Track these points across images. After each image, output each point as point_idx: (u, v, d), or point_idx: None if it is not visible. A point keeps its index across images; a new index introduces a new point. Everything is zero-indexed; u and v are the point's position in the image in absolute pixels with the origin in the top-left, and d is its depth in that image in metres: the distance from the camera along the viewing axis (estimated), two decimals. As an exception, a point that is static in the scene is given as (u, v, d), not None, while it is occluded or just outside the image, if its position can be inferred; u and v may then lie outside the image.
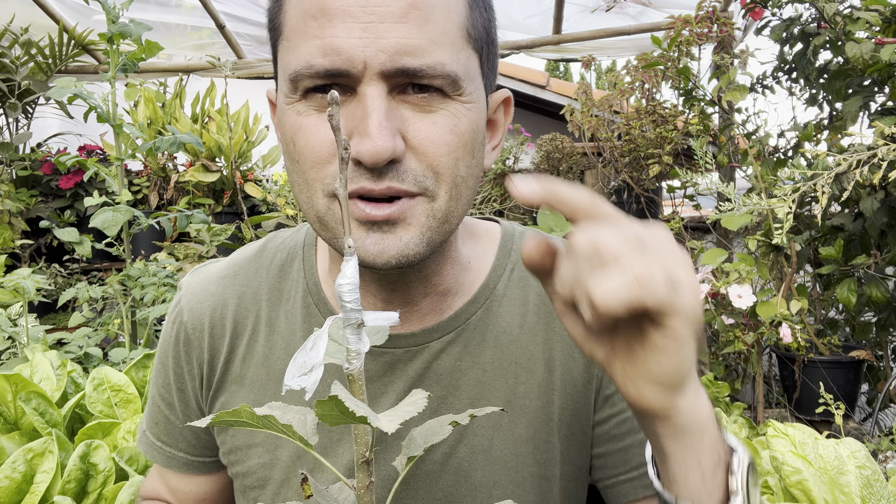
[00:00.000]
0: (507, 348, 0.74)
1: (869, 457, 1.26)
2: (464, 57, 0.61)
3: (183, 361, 0.79)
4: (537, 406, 0.73)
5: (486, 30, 0.65)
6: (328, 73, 0.58)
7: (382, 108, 0.57)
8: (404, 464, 0.50)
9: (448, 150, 0.60)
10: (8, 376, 1.48)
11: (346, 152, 0.44)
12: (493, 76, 0.69)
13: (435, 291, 0.73)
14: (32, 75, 3.76)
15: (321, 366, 0.43)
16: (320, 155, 0.60)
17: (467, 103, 0.62)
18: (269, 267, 0.80)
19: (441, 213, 0.62)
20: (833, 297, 2.50)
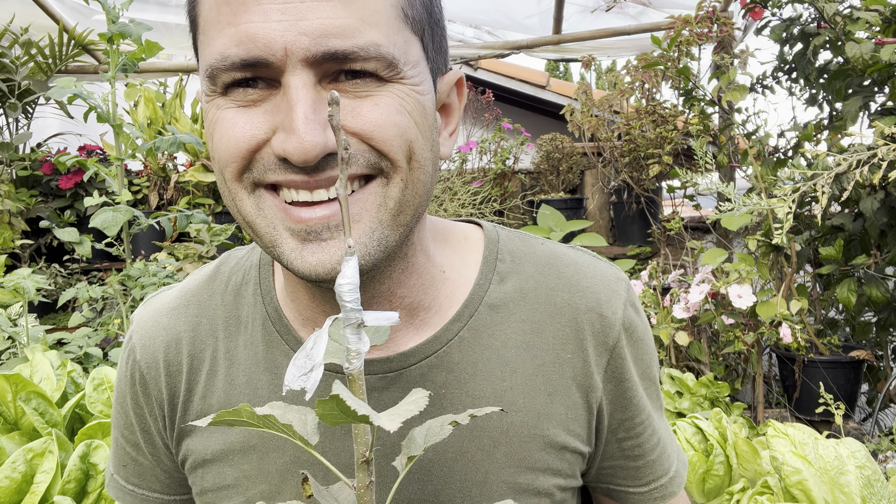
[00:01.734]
0: (501, 373, 0.66)
1: (869, 457, 1.26)
2: (401, 39, 0.54)
3: (142, 402, 0.72)
4: (535, 434, 0.67)
5: (426, 10, 0.58)
6: (245, 64, 0.51)
7: (308, 98, 0.51)
8: (404, 464, 0.50)
9: (398, 132, 0.53)
10: (8, 376, 1.48)
11: (347, 152, 0.44)
12: (442, 59, 0.62)
13: (402, 304, 0.65)
14: (32, 75, 3.76)
15: (321, 366, 0.43)
16: (243, 145, 0.54)
17: (411, 87, 0.55)
18: (223, 293, 0.72)
19: (394, 202, 0.55)
20: (833, 297, 2.50)
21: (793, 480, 1.23)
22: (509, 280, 0.70)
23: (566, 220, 3.27)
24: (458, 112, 0.66)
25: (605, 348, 0.69)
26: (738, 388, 2.42)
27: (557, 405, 0.68)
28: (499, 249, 0.72)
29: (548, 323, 0.69)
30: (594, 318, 0.69)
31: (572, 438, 0.68)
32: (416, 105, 0.55)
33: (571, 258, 0.73)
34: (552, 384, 0.68)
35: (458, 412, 0.64)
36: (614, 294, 0.71)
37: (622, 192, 3.37)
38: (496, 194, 3.54)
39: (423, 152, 0.56)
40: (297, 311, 0.68)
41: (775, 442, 1.30)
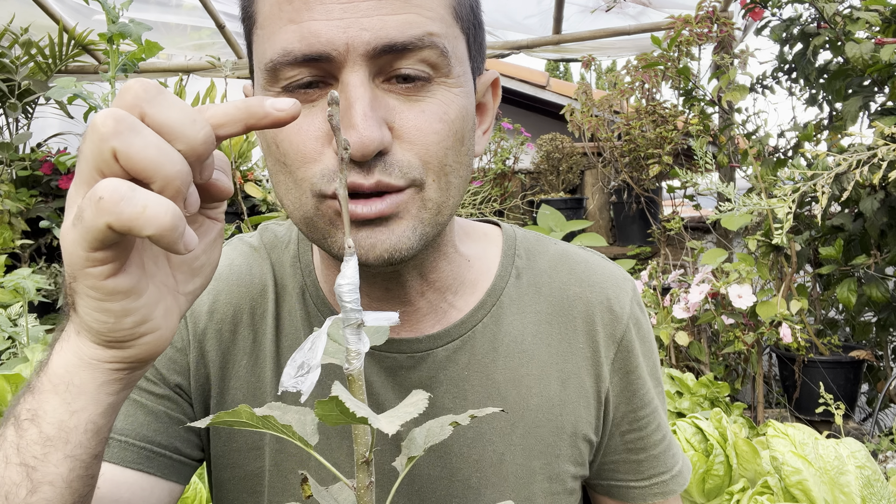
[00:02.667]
0: (518, 358, 0.71)
1: (869, 457, 1.26)
2: (452, 35, 0.57)
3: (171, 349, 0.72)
4: (549, 419, 0.70)
5: (472, 10, 0.62)
6: (307, 59, 0.54)
7: (367, 96, 0.54)
8: (404, 464, 0.50)
9: (437, 139, 0.57)
10: (8, 376, 1.48)
11: (346, 152, 0.44)
12: (481, 59, 0.66)
13: (432, 288, 0.69)
14: (32, 75, 3.76)
15: (318, 367, 0.43)
16: (307, 154, 0.57)
17: (455, 87, 0.58)
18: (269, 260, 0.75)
19: (432, 203, 0.59)
20: (833, 297, 2.50)
21: (793, 480, 1.23)
22: (525, 275, 0.74)
23: (566, 220, 3.27)
24: (492, 112, 0.70)
25: (614, 340, 0.73)
26: (738, 388, 2.42)
27: (570, 392, 0.71)
28: (516, 246, 0.76)
29: (561, 315, 0.73)
30: (604, 311, 0.74)
31: (583, 425, 0.72)
32: (458, 110, 0.59)
33: (582, 256, 0.78)
34: (565, 372, 0.72)
35: (478, 393, 0.69)
36: (622, 291, 0.75)
37: (622, 192, 3.37)
38: (496, 194, 3.54)
39: (459, 157, 0.60)
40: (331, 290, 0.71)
41: (775, 442, 1.30)
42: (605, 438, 0.75)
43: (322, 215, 0.58)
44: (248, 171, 3.76)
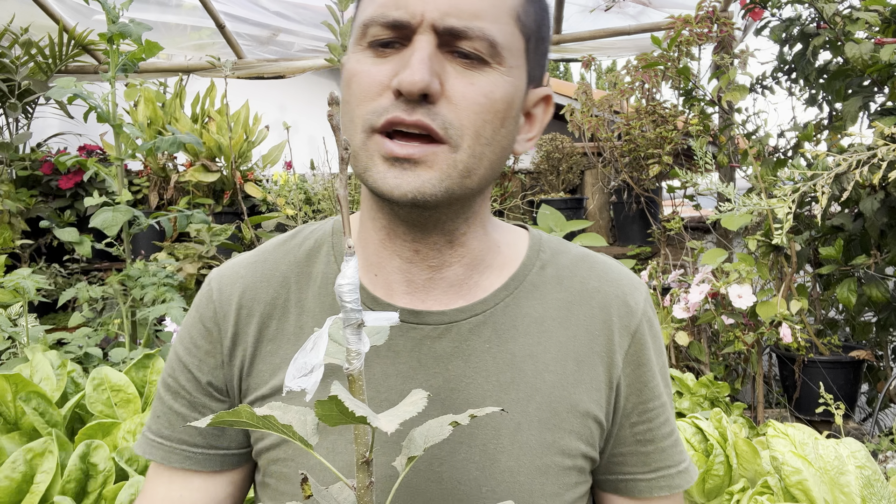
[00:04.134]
0: (538, 337, 0.76)
1: (869, 457, 1.26)
2: (508, 31, 0.67)
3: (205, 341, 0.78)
4: (564, 395, 0.74)
5: (537, 24, 0.71)
6: (393, 24, 0.65)
7: (428, 50, 0.64)
8: (404, 464, 0.50)
9: (479, 109, 0.65)
10: (8, 376, 1.48)
11: (347, 152, 0.44)
12: (540, 72, 0.74)
13: (461, 262, 0.76)
14: (32, 75, 3.76)
15: (321, 366, 0.43)
16: (368, 92, 0.66)
17: (506, 75, 0.67)
18: (296, 252, 0.82)
19: (462, 164, 0.66)
20: (833, 297, 2.50)
21: (793, 480, 1.23)
22: (549, 267, 0.81)
23: (566, 220, 3.27)
24: (540, 124, 0.77)
25: (628, 332, 0.79)
26: (738, 388, 2.42)
27: (584, 374, 0.76)
28: (542, 243, 0.83)
29: (580, 303, 0.79)
30: (620, 304, 0.79)
31: (595, 406, 0.76)
32: (504, 94, 0.67)
33: (601, 258, 0.85)
34: (581, 354, 0.76)
35: (498, 364, 0.74)
36: (636, 290, 0.82)
37: (622, 192, 3.37)
38: (496, 194, 3.54)
39: (495, 133, 0.68)
40: (364, 257, 0.78)
41: (775, 442, 1.30)
42: (615, 428, 0.79)
43: (366, 149, 0.66)
44: (248, 171, 3.76)
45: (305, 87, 4.66)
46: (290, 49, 4.21)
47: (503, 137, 0.69)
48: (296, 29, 4.05)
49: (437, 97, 0.64)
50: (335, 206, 3.39)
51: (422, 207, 0.67)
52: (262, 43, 4.15)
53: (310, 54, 4.16)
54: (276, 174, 3.66)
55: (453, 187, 0.66)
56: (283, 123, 3.75)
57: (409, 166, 0.65)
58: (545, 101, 0.77)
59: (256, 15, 3.92)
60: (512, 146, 0.73)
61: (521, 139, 0.75)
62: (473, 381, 0.73)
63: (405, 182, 0.65)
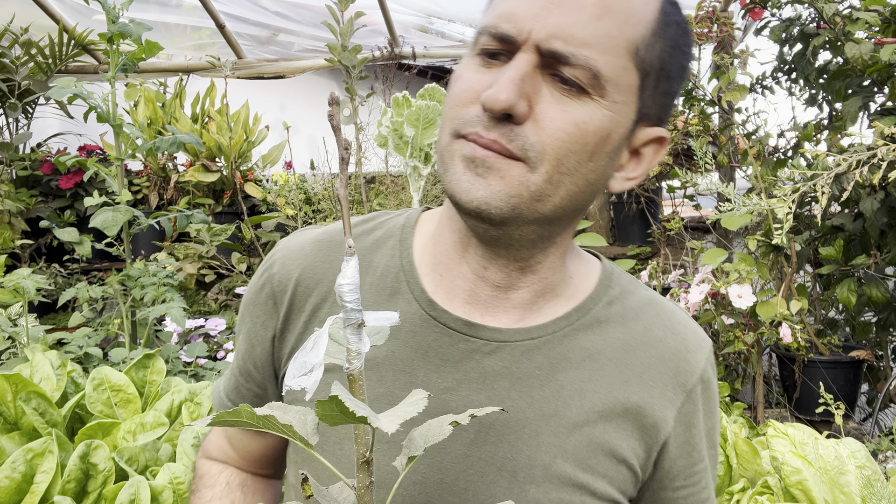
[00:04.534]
0: (590, 374, 0.73)
1: (869, 457, 1.26)
2: (618, 65, 0.63)
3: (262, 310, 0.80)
4: (603, 438, 0.72)
5: (662, 61, 0.67)
6: (502, 37, 0.63)
7: (522, 69, 0.62)
8: (404, 464, 0.50)
9: (565, 137, 0.63)
10: (8, 376, 1.48)
11: (347, 152, 0.44)
12: (658, 111, 0.70)
13: (530, 288, 0.74)
14: (32, 75, 3.76)
15: (321, 366, 0.43)
16: (461, 99, 0.66)
17: (606, 108, 0.64)
18: (364, 239, 0.81)
19: (535, 187, 0.64)
20: (833, 297, 2.50)
21: (793, 480, 1.23)
22: (614, 306, 0.78)
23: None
24: (647, 166, 0.73)
25: (683, 390, 0.76)
26: (738, 388, 2.42)
27: (629, 421, 0.73)
28: (612, 278, 0.80)
29: (639, 349, 0.76)
30: (680, 360, 0.76)
31: (633, 456, 0.73)
32: (598, 128, 0.64)
33: (670, 307, 0.82)
34: (630, 401, 0.73)
35: (544, 393, 0.72)
36: (700, 348, 0.78)
37: (622, 192, 3.36)
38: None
39: (581, 166, 0.65)
40: (429, 256, 0.77)
41: (775, 442, 1.30)
42: (655, 485, 0.76)
43: (450, 151, 0.66)
44: (249, 171, 3.76)
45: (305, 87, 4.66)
46: (290, 49, 4.21)
47: (590, 171, 0.66)
48: (296, 29, 4.06)
49: (524, 118, 0.62)
50: (335, 206, 3.39)
51: (487, 221, 0.65)
52: (262, 43, 4.15)
53: (310, 54, 4.16)
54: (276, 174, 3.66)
55: (521, 207, 0.64)
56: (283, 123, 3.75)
57: (482, 171, 0.64)
58: (658, 143, 0.72)
59: (256, 15, 3.92)
60: (604, 182, 0.70)
61: (619, 176, 0.72)
62: (516, 405, 0.72)
63: (475, 188, 0.64)
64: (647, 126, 0.70)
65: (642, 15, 0.65)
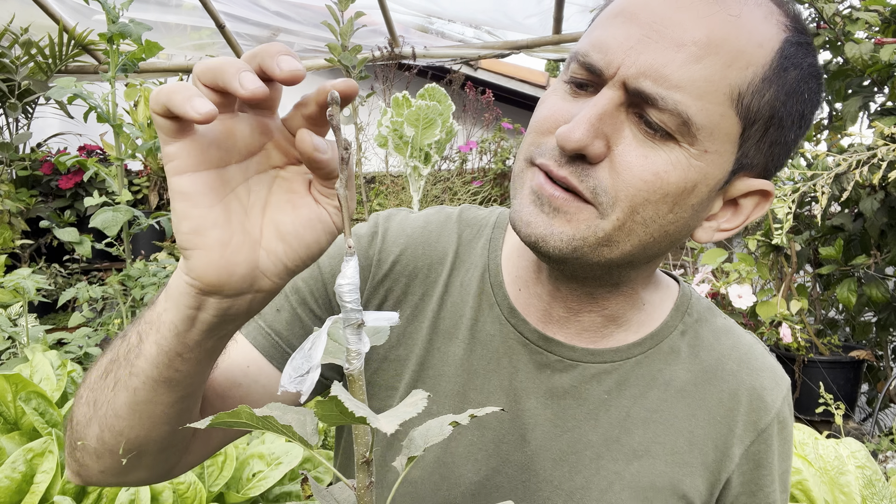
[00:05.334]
0: (658, 404, 0.72)
1: (869, 457, 1.26)
2: (716, 112, 0.58)
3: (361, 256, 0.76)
4: (665, 471, 0.70)
5: (772, 110, 0.60)
6: (590, 68, 0.60)
7: (603, 107, 0.58)
8: (405, 464, 0.50)
9: (642, 186, 0.59)
10: (8, 376, 1.48)
11: (347, 152, 0.44)
12: (762, 160, 0.64)
13: (600, 313, 0.72)
14: (32, 75, 3.76)
15: (318, 368, 0.43)
16: (542, 126, 0.63)
17: (694, 158, 0.59)
18: (459, 234, 0.79)
19: (604, 234, 0.60)
20: (833, 297, 2.50)
21: (793, 480, 1.23)
22: (689, 334, 0.75)
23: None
24: (745, 218, 0.67)
25: (755, 428, 0.73)
26: (738, 388, 2.41)
27: (694, 457, 0.71)
28: (690, 304, 0.77)
29: (710, 382, 0.73)
30: (754, 397, 0.73)
31: (695, 493, 0.71)
32: (682, 178, 0.59)
33: (749, 340, 0.78)
34: (695, 436, 0.71)
35: (610, 419, 0.71)
36: (777, 387, 0.75)
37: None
38: (496, 194, 3.54)
39: (659, 217, 0.61)
40: (513, 266, 0.75)
41: (775, 442, 1.29)
42: None
43: (521, 177, 0.65)
44: (248, 171, 3.76)
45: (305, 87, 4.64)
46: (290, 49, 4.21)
47: (670, 224, 0.62)
48: (296, 29, 4.06)
49: (598, 159, 0.59)
50: (335, 206, 3.38)
51: (543, 256, 0.63)
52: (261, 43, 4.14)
53: (310, 54, 4.16)
54: (276, 174, 3.65)
55: (584, 250, 0.61)
56: (282, 123, 3.73)
57: (549, 211, 0.61)
58: (762, 195, 0.66)
59: (256, 15, 3.92)
60: (687, 233, 0.65)
61: (708, 226, 0.66)
62: (580, 426, 0.71)
63: (536, 224, 0.61)
64: (750, 177, 0.64)
65: (753, 58, 0.58)
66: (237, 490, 1.46)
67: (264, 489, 1.45)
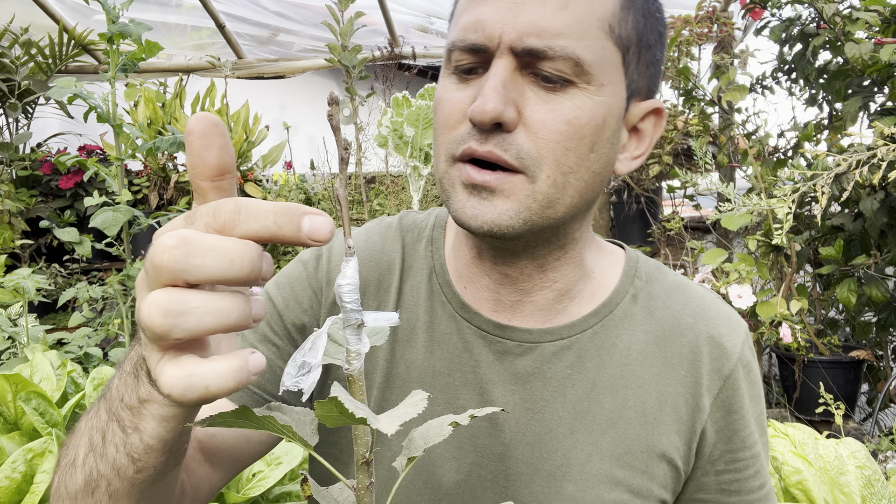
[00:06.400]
0: (621, 370, 0.73)
1: (869, 457, 1.26)
2: (598, 46, 0.62)
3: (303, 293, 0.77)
4: (640, 434, 0.71)
5: (638, 32, 0.65)
6: (473, 48, 0.62)
7: (503, 75, 0.61)
8: (404, 464, 0.50)
9: (559, 138, 0.62)
10: (8, 376, 1.48)
11: (347, 152, 0.44)
12: (647, 82, 0.69)
13: (551, 288, 0.73)
14: (32, 75, 3.76)
15: (319, 367, 0.43)
16: (449, 120, 0.65)
17: (595, 95, 0.62)
18: (402, 241, 0.81)
19: (542, 196, 0.63)
20: (833, 297, 2.50)
21: (793, 480, 1.23)
22: (641, 296, 0.77)
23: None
24: (650, 140, 0.72)
25: (720, 376, 0.74)
26: (738, 388, 2.41)
27: (666, 415, 0.72)
28: (637, 268, 0.78)
29: (669, 339, 0.75)
30: (714, 346, 0.74)
31: (672, 450, 0.72)
32: (591, 118, 0.63)
33: (699, 291, 0.79)
34: (664, 394, 0.73)
35: (577, 392, 0.72)
36: (735, 331, 0.76)
37: (622, 192, 3.37)
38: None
39: (582, 161, 0.64)
40: (456, 267, 0.76)
41: (775, 442, 1.30)
42: (698, 473, 0.74)
43: (448, 177, 0.65)
44: (249, 171, 3.76)
45: (305, 87, 4.66)
46: (290, 49, 4.21)
47: (594, 163, 0.65)
48: (296, 29, 4.06)
49: (514, 125, 0.61)
50: (335, 206, 3.39)
51: (501, 239, 0.64)
52: (262, 43, 4.15)
53: (310, 54, 4.16)
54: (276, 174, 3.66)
55: (533, 218, 0.63)
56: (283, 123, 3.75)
57: (486, 195, 0.63)
58: (655, 114, 0.71)
59: (256, 15, 3.92)
60: (610, 168, 0.68)
61: (624, 158, 0.70)
62: (549, 405, 0.72)
63: (482, 213, 0.63)
64: (640, 100, 0.69)
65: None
66: (237, 490, 1.46)
67: (264, 489, 1.45)
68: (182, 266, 0.39)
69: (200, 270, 0.39)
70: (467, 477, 0.72)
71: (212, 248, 0.39)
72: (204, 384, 0.39)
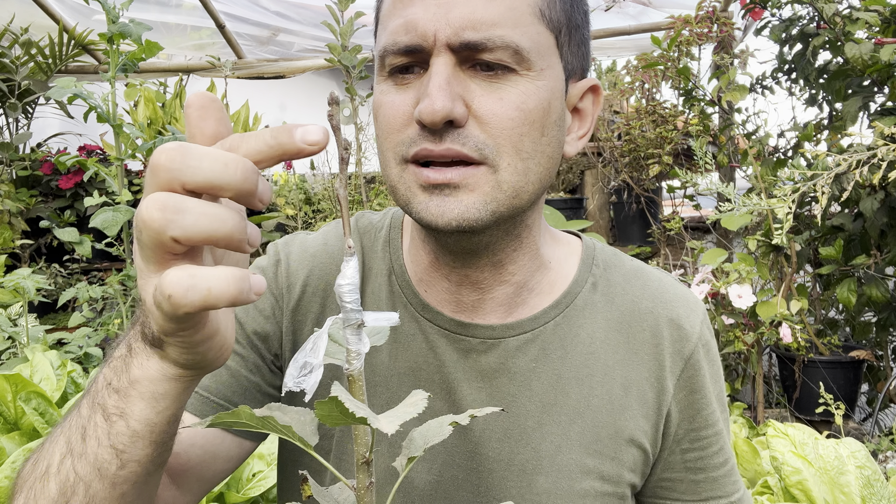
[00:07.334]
0: (585, 359, 0.74)
1: (869, 457, 1.26)
2: (533, 32, 0.62)
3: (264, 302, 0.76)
4: (608, 421, 0.73)
5: (567, 14, 0.66)
6: (408, 49, 0.62)
7: (445, 73, 0.60)
8: (404, 464, 0.50)
9: (512, 125, 0.62)
10: (8, 376, 1.48)
11: (347, 152, 0.44)
12: (578, 63, 0.70)
13: (510, 282, 0.73)
14: (32, 75, 3.76)
15: (321, 367, 0.43)
16: (393, 124, 0.64)
17: (537, 80, 0.63)
18: (360, 243, 0.81)
19: (507, 185, 0.63)
20: (833, 297, 2.50)
21: (793, 480, 1.23)
22: (600, 284, 0.77)
23: (566, 220, 3.27)
24: (591, 118, 0.73)
25: (681, 357, 0.75)
26: (738, 388, 2.42)
27: (631, 399, 0.74)
28: (595, 256, 0.79)
29: (630, 325, 0.76)
30: (673, 328, 0.76)
31: (640, 434, 0.73)
32: (538, 102, 0.63)
33: (657, 275, 0.80)
34: (628, 379, 0.74)
35: (543, 385, 0.72)
36: (693, 312, 0.78)
37: (622, 192, 3.37)
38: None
39: (537, 145, 0.64)
40: (414, 271, 0.76)
41: (775, 442, 1.30)
42: (665, 454, 0.76)
43: (403, 181, 0.64)
44: (248, 171, 3.76)
45: (305, 87, 4.66)
46: (290, 49, 4.21)
47: (546, 146, 0.65)
48: (296, 29, 4.05)
49: (464, 120, 0.61)
50: (335, 206, 3.39)
51: (469, 233, 0.64)
52: (262, 43, 4.14)
53: (310, 54, 4.16)
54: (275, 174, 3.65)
55: (500, 209, 0.63)
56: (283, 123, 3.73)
57: (449, 192, 0.62)
58: (593, 92, 0.72)
59: (256, 15, 3.91)
60: (560, 151, 0.68)
61: (570, 139, 0.71)
62: (517, 400, 0.72)
63: (448, 210, 0.62)
64: (577, 80, 0.70)
65: None
66: (237, 490, 1.46)
67: (264, 489, 1.45)
68: (178, 165, 0.40)
69: (195, 171, 0.40)
70: (439, 477, 0.72)
71: (207, 153, 0.41)
72: (206, 285, 0.40)
